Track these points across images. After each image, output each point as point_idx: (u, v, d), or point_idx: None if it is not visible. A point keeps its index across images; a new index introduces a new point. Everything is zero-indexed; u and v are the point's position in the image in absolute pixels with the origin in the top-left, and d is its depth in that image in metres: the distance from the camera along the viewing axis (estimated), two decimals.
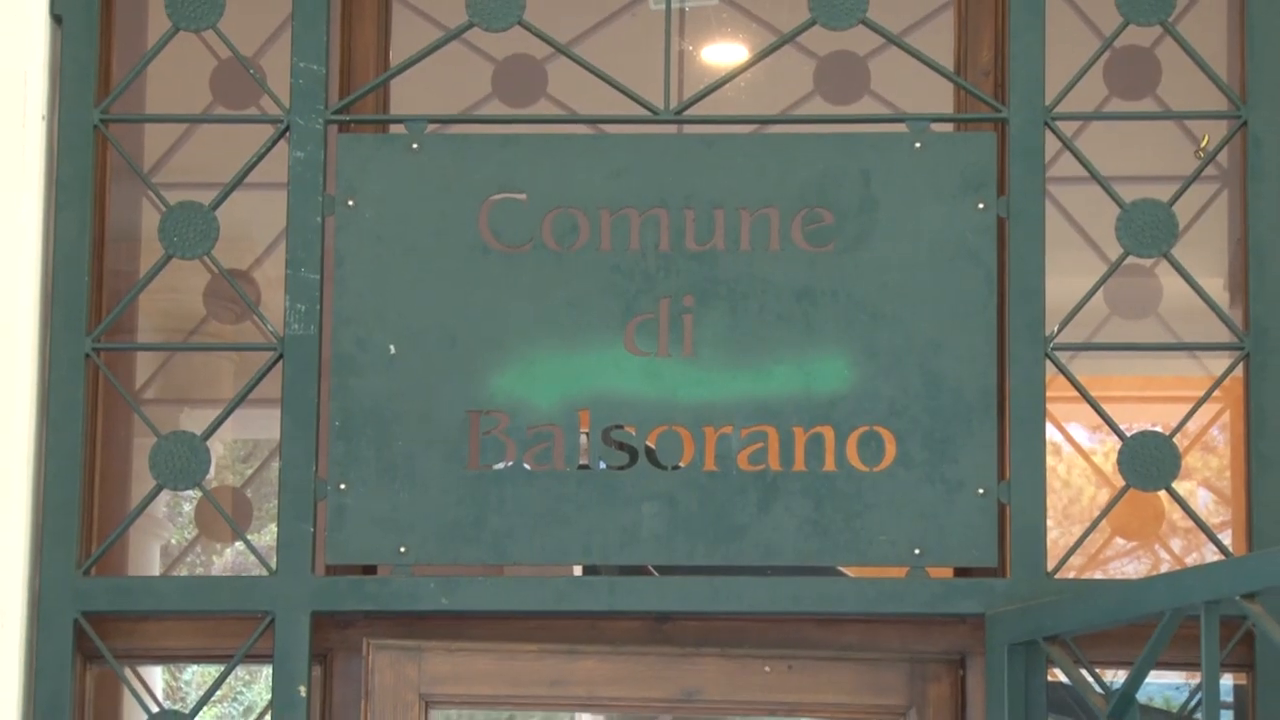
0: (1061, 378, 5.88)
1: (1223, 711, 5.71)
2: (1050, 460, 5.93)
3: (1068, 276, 6.03)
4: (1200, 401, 5.95)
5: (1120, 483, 5.90)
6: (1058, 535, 5.91)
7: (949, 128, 6.06)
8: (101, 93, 6.04)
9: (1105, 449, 5.99)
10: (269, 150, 5.98)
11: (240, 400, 6.01)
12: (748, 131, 6.17)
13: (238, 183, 5.98)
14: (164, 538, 6.74)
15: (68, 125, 5.99)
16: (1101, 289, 6.00)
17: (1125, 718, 5.38)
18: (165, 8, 6.04)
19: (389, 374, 5.89)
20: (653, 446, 5.88)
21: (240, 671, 6.22)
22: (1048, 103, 5.92)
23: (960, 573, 5.91)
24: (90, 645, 5.86)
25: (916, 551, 5.81)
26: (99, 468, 6.11)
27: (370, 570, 5.94)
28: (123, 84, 6.11)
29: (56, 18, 5.95)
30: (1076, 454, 6.19)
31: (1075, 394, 5.93)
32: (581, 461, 5.88)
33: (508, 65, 6.27)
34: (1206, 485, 6.20)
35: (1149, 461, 5.84)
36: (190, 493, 6.13)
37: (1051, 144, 5.92)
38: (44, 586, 5.83)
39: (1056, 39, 5.98)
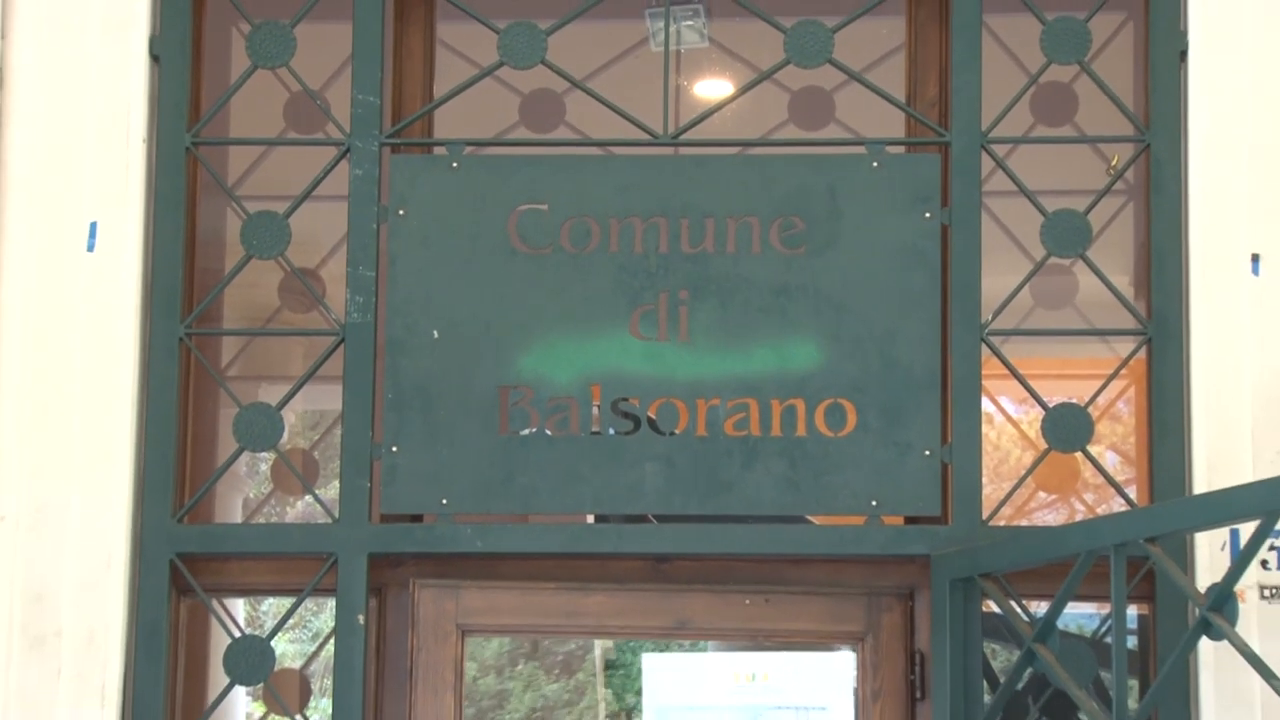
0: (995, 358, 5.93)
1: (1128, 636, 5.78)
2: (984, 427, 5.97)
3: (1000, 274, 6.04)
4: (1110, 378, 6.00)
5: (1043, 445, 5.96)
6: (990, 490, 5.96)
7: (901, 150, 6.08)
8: (192, 120, 6.09)
9: (1030, 418, 6.00)
10: (332, 168, 6.04)
11: (309, 377, 6.04)
12: (733, 152, 6.20)
13: (306, 195, 6.05)
14: (245, 492, 6.65)
15: (164, 147, 6.03)
16: (1028, 284, 6.05)
17: (1047, 642, 5.44)
18: (246, 49, 6.10)
19: (433, 355, 5.94)
20: (653, 416, 5.93)
21: (309, 603, 6.24)
22: (984, 129, 5.98)
23: (909, 521, 5.93)
24: (183, 581, 5.92)
25: (873, 503, 5.87)
26: (190, 433, 6.13)
27: (417, 519, 5.98)
28: (210, 113, 6.15)
29: (155, 57, 6.00)
30: (1006, 422, 6.18)
31: (1006, 372, 5.97)
32: (594, 429, 5.94)
33: (532, 97, 6.26)
34: (1114, 448, 6.22)
35: (1067, 428, 5.91)
36: (266, 454, 6.17)
37: (986, 163, 5.97)
38: (145, 532, 5.89)
39: (991, 75, 6.01)
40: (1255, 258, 5.81)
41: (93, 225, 5.93)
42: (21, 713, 5.78)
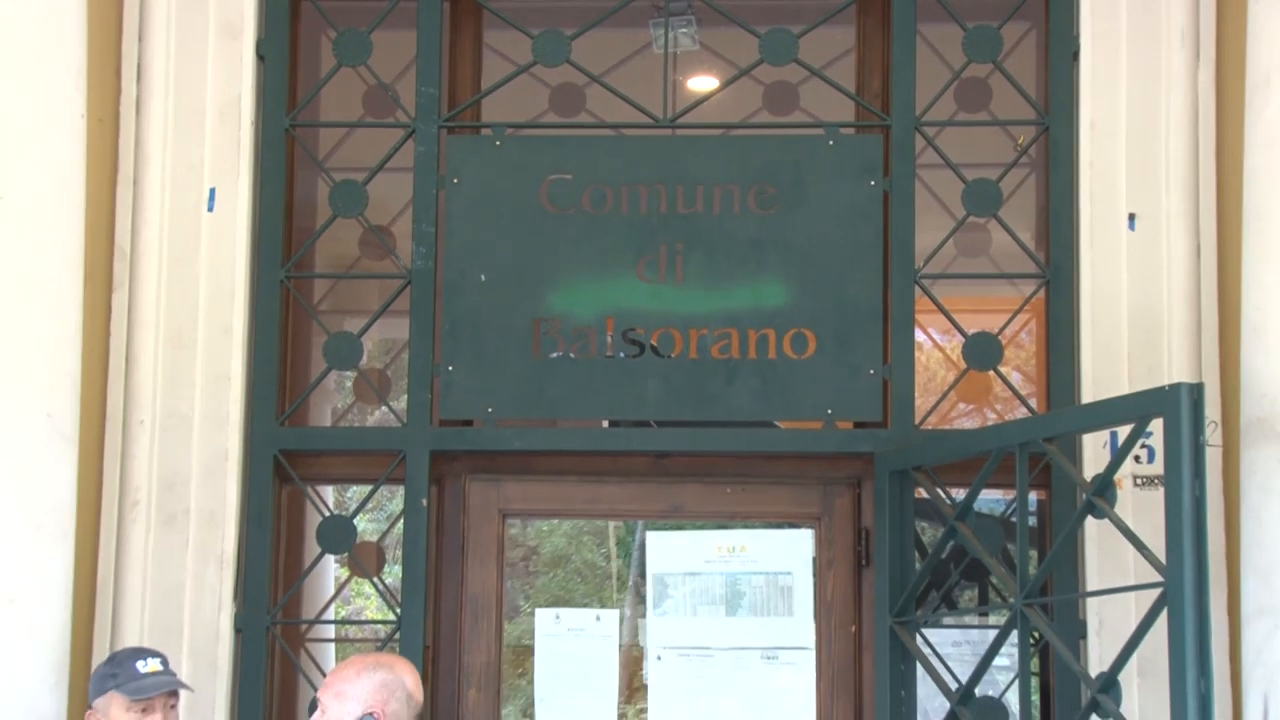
0: (925, 297, 5.96)
1: (1029, 517, 5.82)
2: (916, 352, 6.02)
3: (929, 230, 6.05)
4: (1015, 313, 6.04)
5: (963, 366, 6.01)
6: (921, 401, 5.94)
7: (851, 131, 6.10)
8: (290, 107, 6.12)
9: (952, 345, 5.96)
10: (401, 146, 6.07)
11: (382, 311, 6.11)
12: (719, 133, 6.21)
13: (380, 167, 6.09)
14: (333, 402, 6.50)
15: (268, 129, 6.08)
16: (952, 238, 6.09)
17: (965, 520, 5.56)
18: (332, 50, 6.14)
19: (481, 294, 5.97)
20: (655, 343, 5.96)
21: (383, 490, 6.26)
22: (917, 114, 6.02)
23: (857, 425, 5.99)
24: (284, 472, 5.98)
25: (828, 411, 5.91)
26: (289, 356, 6.19)
27: (468, 423, 6.00)
28: (304, 102, 6.19)
29: (261, 57, 6.04)
30: (934, 348, 6.16)
31: (934, 308, 5.99)
32: (608, 353, 5.95)
33: (559, 89, 6.26)
34: (1019, 369, 6.21)
35: (982, 352, 5.95)
36: (349, 372, 6.20)
37: (919, 142, 6.01)
38: (254, 434, 5.95)
39: (923, 72, 6.04)
40: (1132, 217, 5.85)
41: (212, 191, 5.98)
42: (158, 574, 5.83)
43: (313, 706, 4.85)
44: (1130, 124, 5.90)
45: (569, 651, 6.13)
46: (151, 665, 4.93)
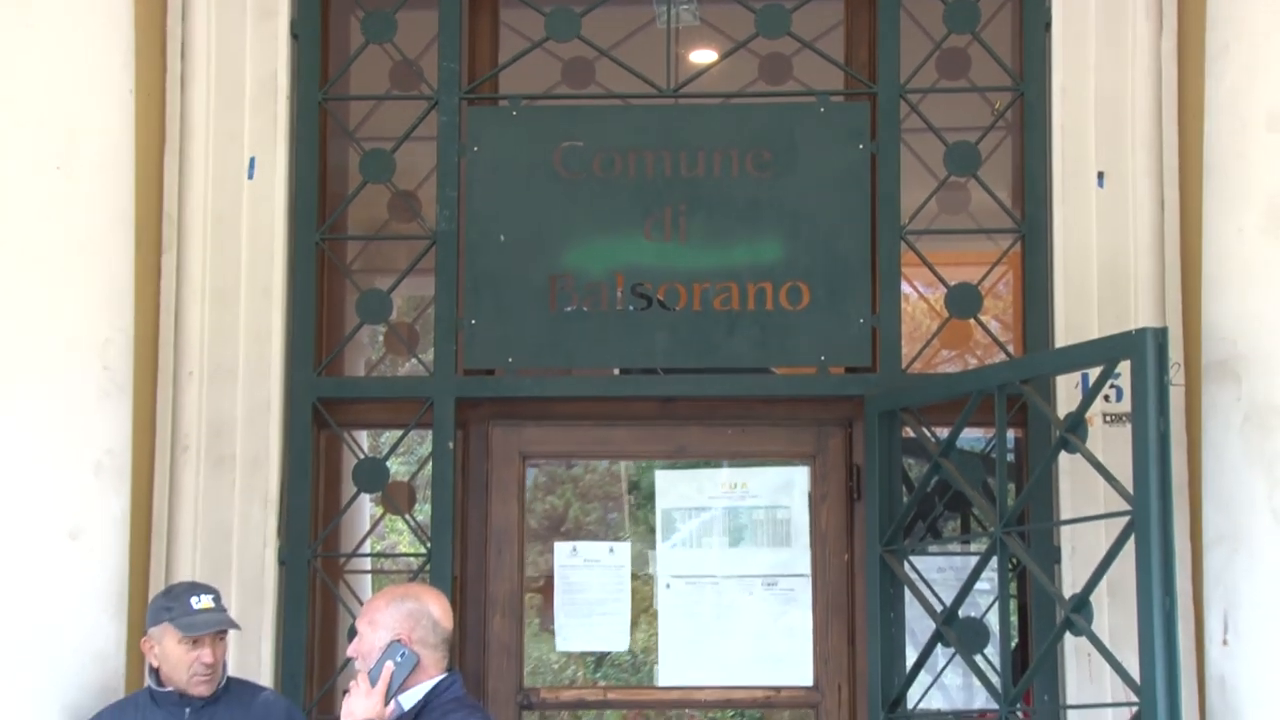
0: (910, 251, 5.96)
1: (1008, 453, 5.81)
2: (903, 302, 6.01)
3: (914, 190, 6.05)
4: (994, 265, 6.05)
5: (945, 314, 6.02)
6: (907, 348, 5.97)
7: (841, 99, 6.07)
8: (322, 81, 6.12)
9: (935, 295, 5.94)
10: (425, 117, 6.08)
11: (410, 269, 6.12)
12: (718, 102, 6.20)
13: (406, 136, 6.10)
14: (366, 354, 6.49)
15: (302, 102, 6.07)
16: (934, 197, 6.09)
17: (949, 457, 5.57)
18: (361, 29, 6.14)
19: (500, 253, 5.98)
20: (661, 297, 5.97)
21: (413, 434, 6.27)
22: (902, 82, 6.01)
23: (848, 370, 5.98)
24: (322, 418, 6.01)
25: (821, 357, 5.93)
26: (325, 312, 6.18)
27: (490, 372, 6.02)
28: (335, 77, 6.18)
29: (295, 35, 6.03)
30: (919, 298, 6.14)
31: (919, 261, 6.00)
32: (618, 306, 5.96)
33: (570, 63, 6.21)
34: (997, 317, 6.20)
35: (963, 302, 5.96)
36: (380, 326, 6.21)
37: (904, 108, 5.99)
38: (293, 383, 5.96)
39: (907, 43, 6.03)
40: (1100, 175, 5.85)
41: (251, 160, 5.97)
42: (208, 513, 5.86)
43: (352, 633, 4.92)
44: (1099, 89, 5.88)
45: (585, 581, 6.14)
46: (204, 602, 4.92)
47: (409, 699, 4.70)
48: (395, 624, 4.73)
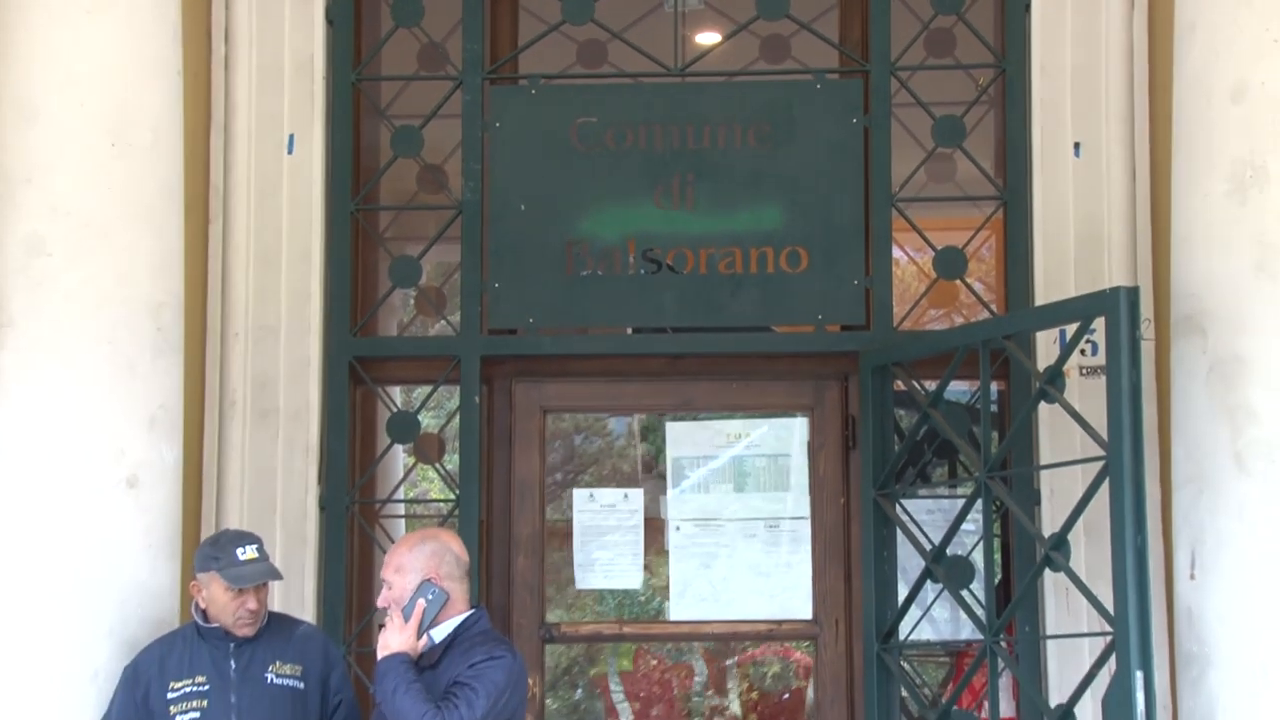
0: (901, 218, 5.97)
1: (991, 403, 5.85)
2: (894, 265, 6.03)
3: (904, 160, 6.04)
4: (978, 230, 6.05)
5: (933, 276, 6.03)
6: (898, 307, 5.94)
7: (836, 76, 6.09)
8: (355, 63, 6.11)
9: (924, 258, 5.94)
10: (450, 95, 6.07)
11: (438, 237, 6.14)
12: (722, 80, 6.20)
13: (434, 114, 6.09)
14: (398, 315, 6.48)
15: (337, 83, 6.07)
16: (923, 167, 6.09)
17: (937, 407, 5.60)
18: (390, 14, 6.13)
19: (521, 221, 5.98)
20: (670, 261, 5.97)
21: (442, 390, 6.25)
22: (893, 60, 6.00)
23: (844, 328, 5.97)
24: (358, 375, 6.01)
25: (819, 316, 5.96)
26: (360, 276, 6.16)
27: (512, 332, 6.02)
28: (367, 59, 6.16)
29: (330, 21, 6.03)
30: (909, 261, 6.15)
31: (908, 227, 6.01)
32: (630, 270, 5.97)
33: (585, 44, 6.17)
34: (980, 279, 6.19)
35: (949, 264, 5.97)
36: (411, 290, 6.22)
37: (894, 84, 5.99)
38: (331, 343, 5.97)
39: (897, 23, 6.02)
40: (1077, 145, 5.85)
41: (290, 136, 5.98)
42: (253, 462, 5.89)
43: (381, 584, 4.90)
44: (1075, 66, 5.88)
45: (602, 524, 6.15)
46: (249, 553, 4.91)
47: (439, 633, 4.74)
48: (423, 565, 4.75)
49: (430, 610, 4.71)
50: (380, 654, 4.68)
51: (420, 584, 4.71)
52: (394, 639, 4.68)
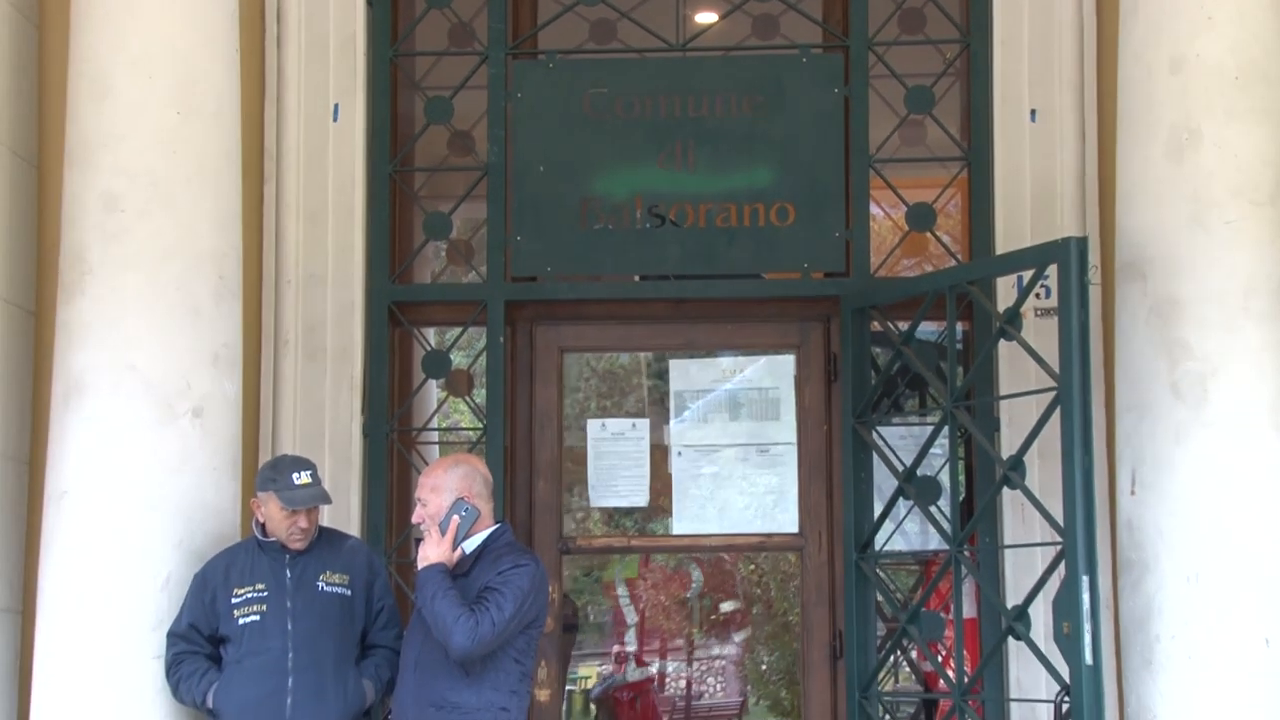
0: (878, 177, 5.95)
1: (957, 342, 5.89)
2: (871, 219, 6.00)
3: (880, 125, 6.01)
4: (945, 187, 6.03)
5: (906, 229, 6.00)
6: (875, 257, 5.95)
7: (819, 51, 6.03)
8: (393, 40, 6.07)
9: (898, 213, 5.91)
10: (477, 69, 6.06)
11: (466, 196, 6.11)
12: (718, 54, 6.17)
13: (462, 86, 6.07)
14: (432, 265, 6.47)
15: (376, 58, 6.04)
16: (897, 131, 6.05)
17: (909, 344, 5.61)
18: None
19: (540, 181, 5.97)
20: (672, 216, 5.96)
21: (471, 331, 6.16)
22: (870, 36, 5.97)
23: (827, 275, 5.95)
24: (396, 318, 6.00)
25: (805, 265, 5.95)
26: (397, 230, 6.14)
27: (533, 279, 6.00)
28: (403, 36, 6.13)
29: (369, 2, 6.00)
30: (884, 216, 6.13)
31: (884, 185, 5.98)
32: (637, 224, 5.96)
33: (596, 23, 6.13)
34: (948, 231, 6.15)
35: (920, 218, 5.96)
36: (442, 242, 6.22)
37: (871, 58, 5.95)
38: (373, 289, 5.94)
39: (874, 2, 5.99)
40: (1033, 112, 5.82)
41: (335, 105, 5.94)
42: (305, 395, 5.86)
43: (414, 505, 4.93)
44: (1031, 40, 5.85)
45: (612, 450, 6.18)
46: (304, 478, 4.91)
47: (470, 545, 4.78)
48: (456, 485, 4.78)
49: (464, 525, 4.74)
50: (420, 565, 4.71)
51: (454, 502, 4.74)
52: (432, 551, 4.71)
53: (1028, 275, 5.37)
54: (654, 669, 8.75)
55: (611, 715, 8.54)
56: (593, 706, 9.32)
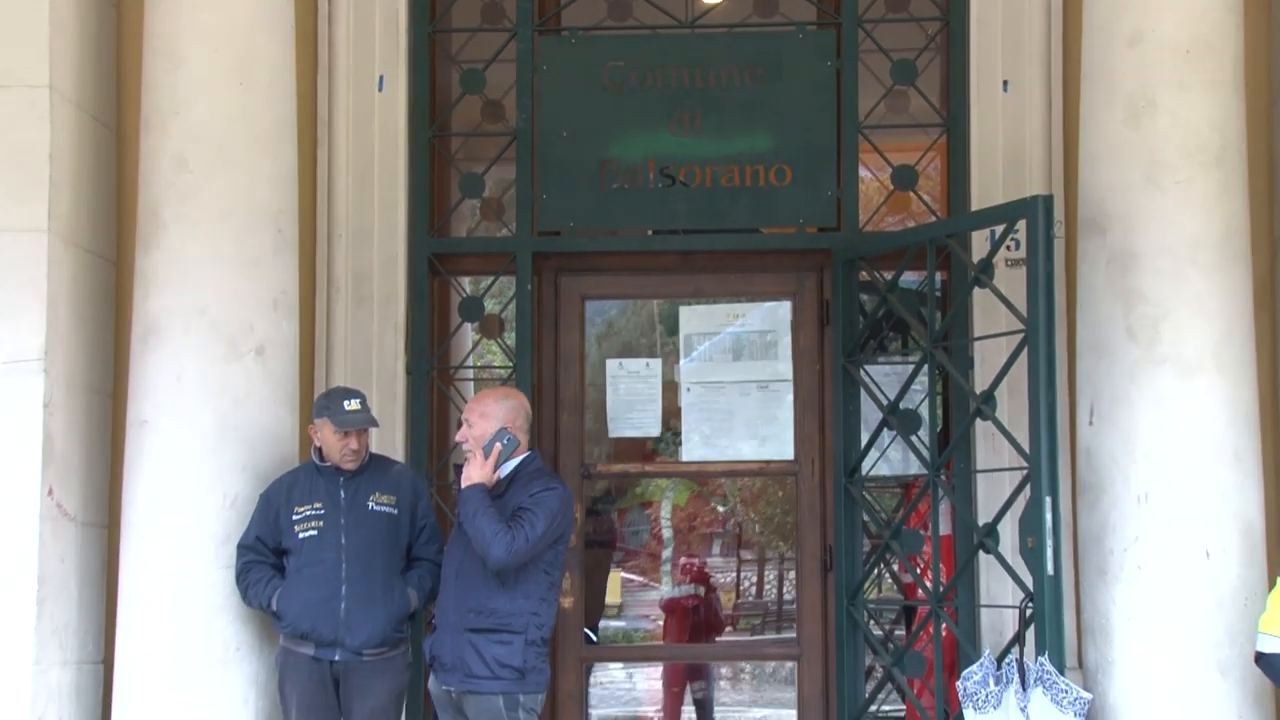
0: (867, 142, 5.91)
1: (936, 290, 5.81)
2: (860, 179, 5.98)
3: (868, 95, 5.95)
4: (926, 151, 6.00)
5: (891, 188, 5.98)
6: (863, 214, 5.89)
7: (814, 28, 6.01)
8: (432, 18, 6.03)
9: (883, 174, 5.92)
10: (507, 44, 5.99)
11: (497, 158, 6.03)
12: (723, 31, 6.09)
13: (493, 59, 6.00)
14: (466, 221, 6.41)
15: (416, 34, 5.98)
16: (883, 100, 5.97)
17: (893, 292, 5.61)
18: None
19: (564, 146, 5.93)
20: (682, 177, 5.93)
21: (502, 279, 6.00)
22: (860, 14, 5.94)
23: (821, 230, 5.94)
24: (435, 268, 5.97)
25: (800, 220, 5.93)
26: (436, 189, 6.11)
27: (557, 233, 5.98)
28: (441, 14, 6.06)
29: None
30: (872, 176, 6.10)
31: (872, 149, 5.92)
32: (650, 184, 5.92)
33: (614, 2, 6.07)
34: (929, 192, 6.09)
35: (903, 178, 5.92)
36: (476, 200, 6.16)
37: (861, 35, 5.93)
38: (414, 242, 5.92)
39: None
40: (1005, 83, 5.78)
41: (380, 77, 5.91)
42: (354, 337, 5.84)
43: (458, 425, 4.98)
44: (1004, 18, 5.82)
45: (629, 387, 6.18)
46: (353, 405, 4.96)
47: (505, 469, 4.85)
48: (503, 416, 4.84)
49: (505, 452, 4.80)
50: (464, 484, 4.76)
51: (498, 430, 4.80)
52: (475, 472, 4.76)
53: (999, 229, 5.37)
54: (696, 587, 9.22)
55: (679, 621, 9.05)
56: (660, 612, 9.85)
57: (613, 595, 12.54)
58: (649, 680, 11.35)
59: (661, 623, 9.76)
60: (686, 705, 8.95)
